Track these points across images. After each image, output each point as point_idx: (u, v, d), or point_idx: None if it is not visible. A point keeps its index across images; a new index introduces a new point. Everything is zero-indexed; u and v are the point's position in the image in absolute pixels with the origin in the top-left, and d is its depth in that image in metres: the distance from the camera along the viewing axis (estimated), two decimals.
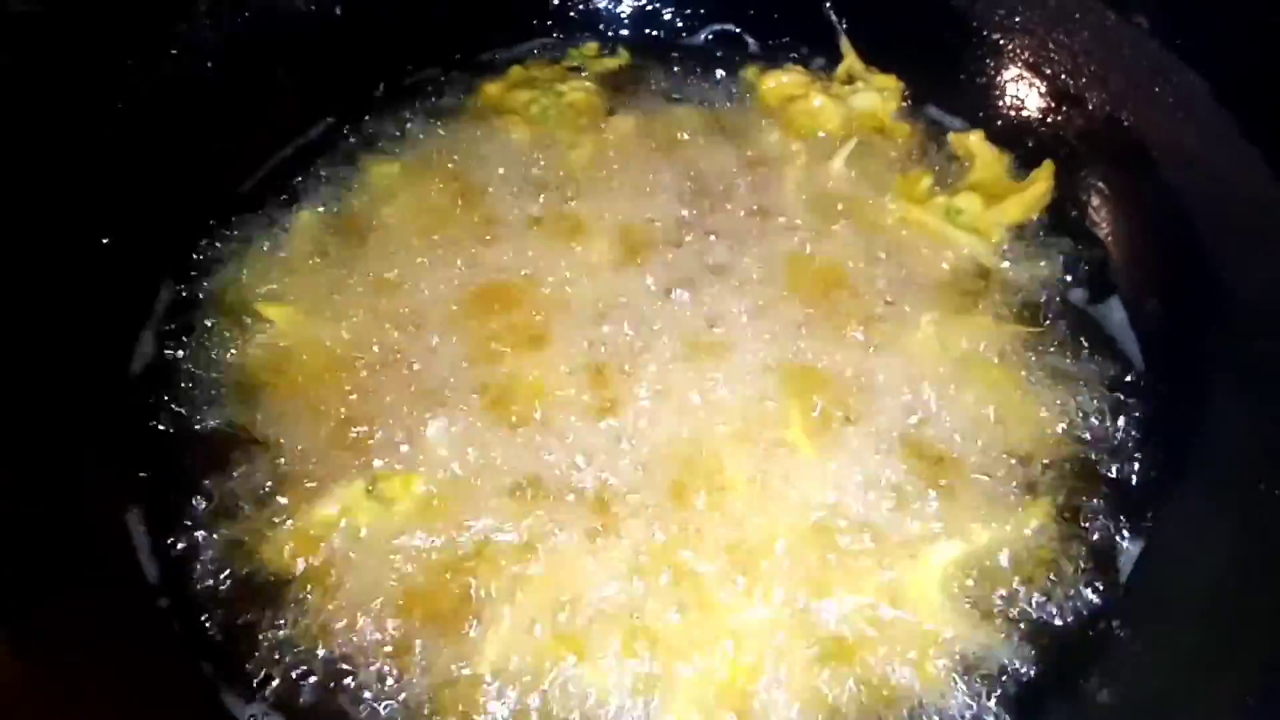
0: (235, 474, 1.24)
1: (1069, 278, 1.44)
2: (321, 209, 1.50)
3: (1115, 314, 1.41)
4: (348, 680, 1.11)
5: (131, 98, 1.40)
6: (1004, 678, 1.11)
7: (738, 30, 1.76)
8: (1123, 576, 1.19)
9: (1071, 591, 1.17)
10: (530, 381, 1.31)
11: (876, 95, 1.63)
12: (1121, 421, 1.30)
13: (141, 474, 1.25)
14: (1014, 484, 1.24)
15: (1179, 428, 1.26)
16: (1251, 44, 1.24)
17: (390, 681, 1.10)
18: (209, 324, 1.37)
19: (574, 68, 1.73)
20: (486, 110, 1.65)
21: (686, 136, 1.61)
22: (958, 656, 1.12)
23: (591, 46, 1.75)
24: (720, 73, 1.70)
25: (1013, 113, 1.60)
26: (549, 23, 1.77)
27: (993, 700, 1.10)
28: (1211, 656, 1.00)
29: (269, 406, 1.29)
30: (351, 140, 1.60)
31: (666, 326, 1.37)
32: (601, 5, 1.79)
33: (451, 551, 1.18)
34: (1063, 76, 1.54)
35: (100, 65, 1.38)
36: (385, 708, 1.09)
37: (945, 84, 1.65)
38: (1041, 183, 1.51)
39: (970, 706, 1.10)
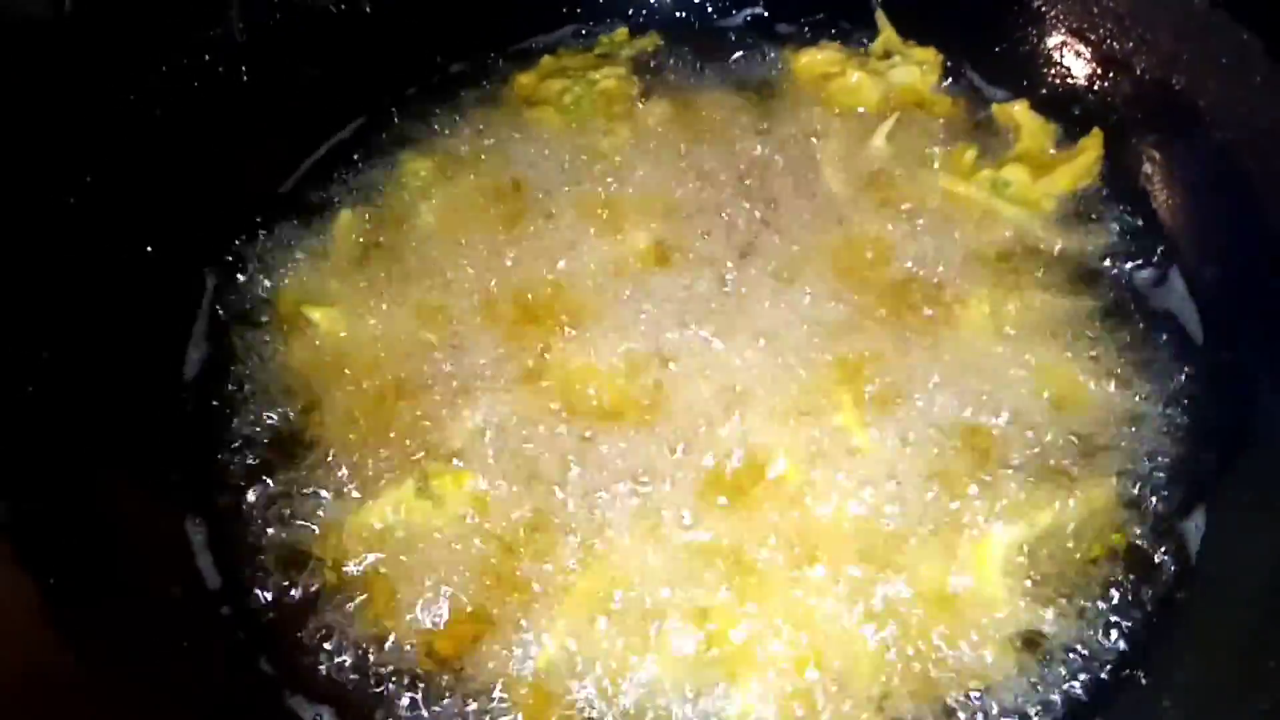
0: (288, 477, 1.25)
1: (1123, 248, 1.40)
2: (359, 208, 1.49)
3: (1173, 283, 1.37)
4: (408, 677, 1.11)
5: (167, 106, 1.41)
6: (1068, 658, 1.09)
7: (770, 10, 1.72)
8: (1189, 553, 1.16)
9: (1136, 570, 1.14)
10: (575, 374, 1.29)
11: (916, 69, 1.60)
12: (1183, 393, 1.27)
13: (197, 479, 1.25)
14: (1074, 462, 1.22)
15: (1242, 398, 1.23)
16: None
17: (451, 677, 1.10)
18: (256, 328, 1.38)
19: (605, 54, 1.71)
20: (520, 102, 1.63)
21: (722, 119, 1.58)
22: (1020, 638, 1.10)
23: (622, 32, 1.73)
24: (754, 53, 1.66)
25: (1058, 81, 1.56)
26: (579, 10, 1.75)
27: (1056, 681, 1.08)
28: None
29: (318, 408, 1.29)
30: (386, 138, 1.59)
31: (711, 312, 1.35)
32: None
33: (505, 546, 1.17)
34: (1108, 41, 1.49)
35: (135, 74, 1.38)
36: (448, 703, 1.09)
37: (986, 54, 1.60)
38: (1090, 151, 1.47)
39: (1033, 687, 1.08)
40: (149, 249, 1.35)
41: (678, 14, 1.75)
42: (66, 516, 1.10)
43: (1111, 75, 1.50)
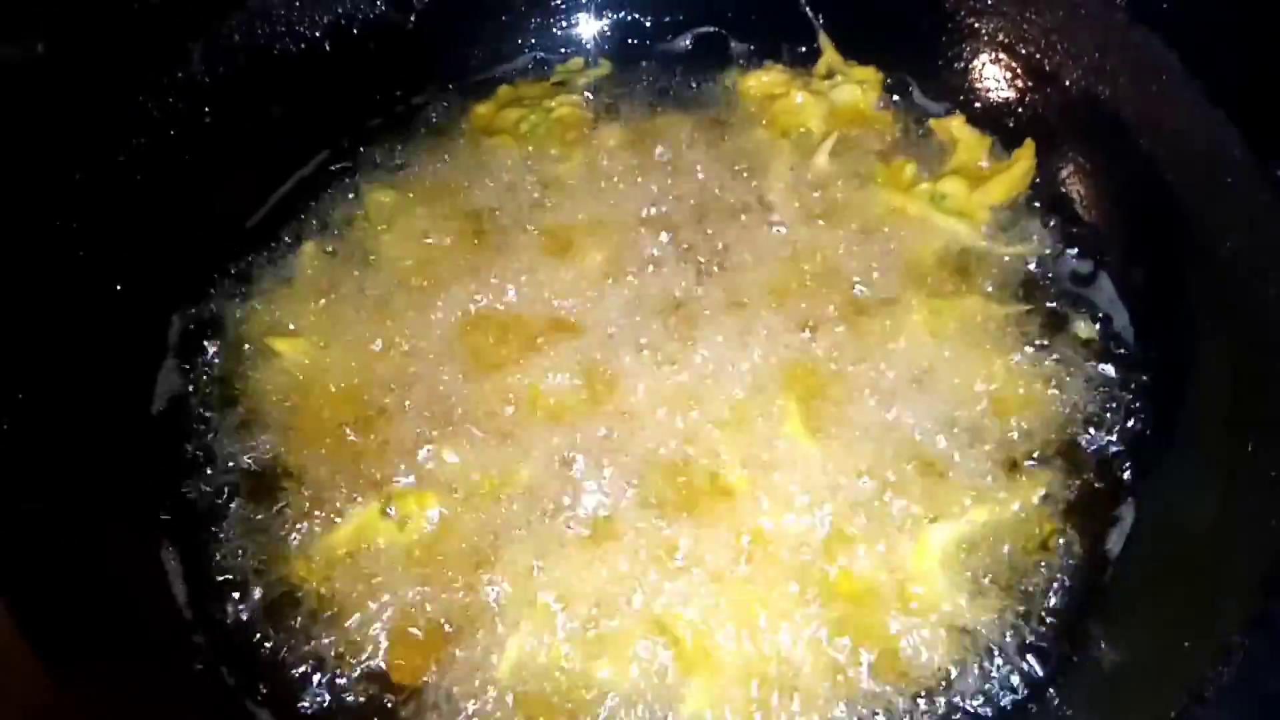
0: (256, 502, 1.29)
1: (1055, 254, 1.46)
2: (323, 240, 1.54)
3: (1103, 286, 1.43)
4: (378, 692, 1.15)
5: (133, 147, 1.45)
6: (1003, 648, 1.15)
7: (716, 37, 1.78)
8: (1117, 544, 1.21)
9: (1065, 564, 1.20)
10: (532, 395, 1.34)
11: (856, 87, 1.66)
12: (1112, 395, 1.33)
13: (169, 508, 1.30)
14: (1010, 462, 1.27)
15: (1170, 395, 1.29)
16: (1213, 12, 1.26)
17: (419, 690, 1.15)
18: (223, 360, 1.42)
19: (560, 83, 1.76)
20: (478, 131, 1.69)
21: (673, 141, 1.63)
22: (958, 630, 1.16)
23: (576, 61, 1.78)
24: (702, 77, 1.72)
25: (992, 95, 1.62)
26: (533, 41, 1.81)
27: (998, 669, 1.14)
28: (1201, 610, 1.03)
29: (285, 436, 1.34)
30: (349, 170, 1.64)
31: (665, 329, 1.40)
32: (582, 20, 1.82)
33: (466, 564, 1.22)
34: (1037, 56, 1.56)
35: (102, 116, 1.43)
36: (416, 716, 1.13)
37: (924, 71, 1.67)
38: (1023, 162, 1.53)
39: (977, 675, 1.13)
40: (118, 286, 1.39)
41: (629, 42, 1.81)
42: (44, 546, 1.14)
43: (1042, 89, 1.56)
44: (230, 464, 1.33)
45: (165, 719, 1.09)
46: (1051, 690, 1.12)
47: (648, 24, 1.82)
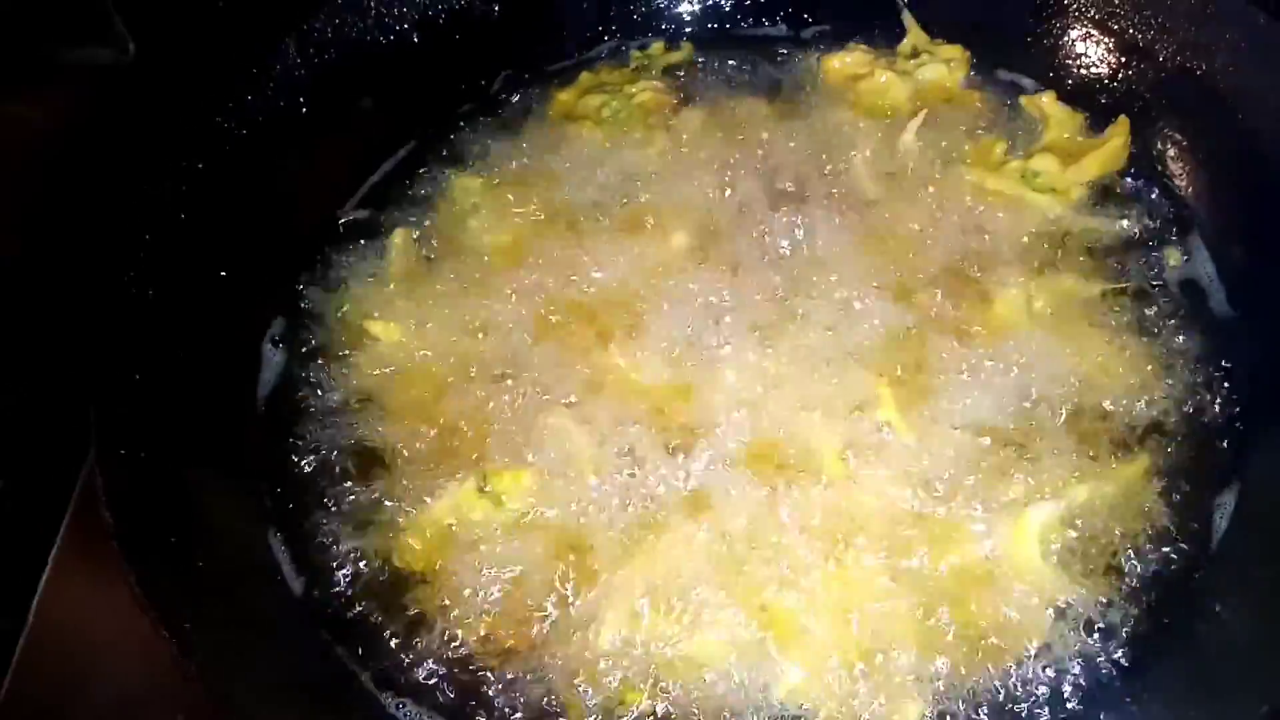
0: (357, 481, 1.32)
1: (1151, 231, 1.44)
2: (413, 227, 1.57)
3: (1201, 264, 1.41)
4: (475, 667, 1.18)
5: (233, 138, 1.50)
6: (1104, 629, 1.14)
7: (798, 18, 1.78)
8: (1218, 527, 1.19)
9: (1168, 544, 1.18)
10: (622, 374, 1.36)
11: (943, 66, 1.64)
12: (1212, 372, 1.30)
13: (275, 487, 1.34)
14: (1108, 442, 1.26)
15: (1270, 372, 1.26)
16: None
17: (515, 665, 1.17)
18: (321, 345, 1.46)
19: (641, 68, 1.78)
20: (560, 118, 1.71)
21: (755, 124, 1.64)
22: (1059, 611, 1.15)
23: (657, 46, 1.80)
24: (784, 59, 1.73)
25: (1083, 71, 1.60)
26: (613, 27, 1.82)
27: (1093, 651, 1.13)
28: None
29: (382, 417, 1.37)
30: (436, 159, 1.67)
31: (751, 313, 1.41)
32: (662, 4, 1.83)
33: (562, 540, 1.24)
34: (1130, 30, 1.53)
35: (205, 111, 1.48)
36: (515, 688, 1.16)
37: (1012, 48, 1.65)
38: (1117, 139, 1.50)
39: (1072, 657, 1.12)
40: (223, 273, 1.44)
41: (709, 25, 1.82)
42: (157, 525, 1.18)
43: (1135, 63, 1.54)
44: (331, 444, 1.36)
45: (281, 686, 1.12)
46: (1149, 670, 1.11)
47: (727, 7, 1.82)
